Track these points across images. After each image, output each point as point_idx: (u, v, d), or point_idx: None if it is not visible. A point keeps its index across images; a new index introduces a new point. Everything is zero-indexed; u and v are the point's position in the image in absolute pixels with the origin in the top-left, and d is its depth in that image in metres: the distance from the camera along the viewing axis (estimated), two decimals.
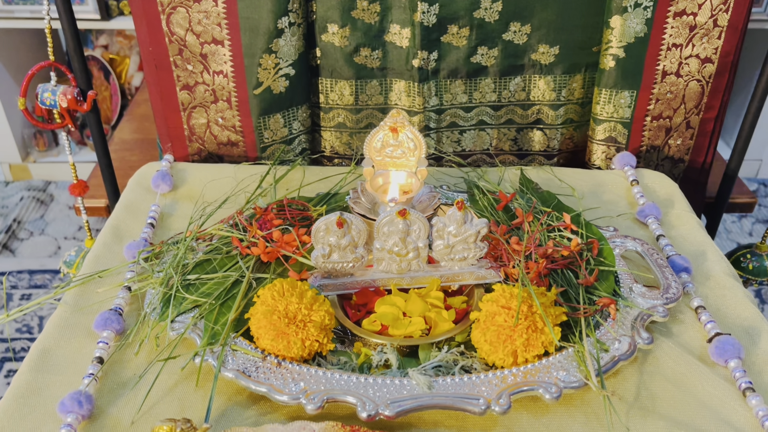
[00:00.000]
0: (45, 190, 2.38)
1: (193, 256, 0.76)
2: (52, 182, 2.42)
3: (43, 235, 2.20)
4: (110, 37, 2.33)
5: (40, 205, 2.32)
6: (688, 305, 0.75)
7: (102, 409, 0.63)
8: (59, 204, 2.33)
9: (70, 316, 0.73)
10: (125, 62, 2.40)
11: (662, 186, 0.96)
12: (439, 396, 0.61)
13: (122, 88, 2.37)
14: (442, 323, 0.70)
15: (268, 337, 0.65)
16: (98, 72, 2.33)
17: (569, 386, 0.62)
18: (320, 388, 0.62)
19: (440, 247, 0.73)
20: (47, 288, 1.99)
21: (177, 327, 0.68)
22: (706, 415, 0.63)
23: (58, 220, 2.26)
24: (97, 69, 2.32)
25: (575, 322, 0.68)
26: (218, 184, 0.93)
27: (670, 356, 0.68)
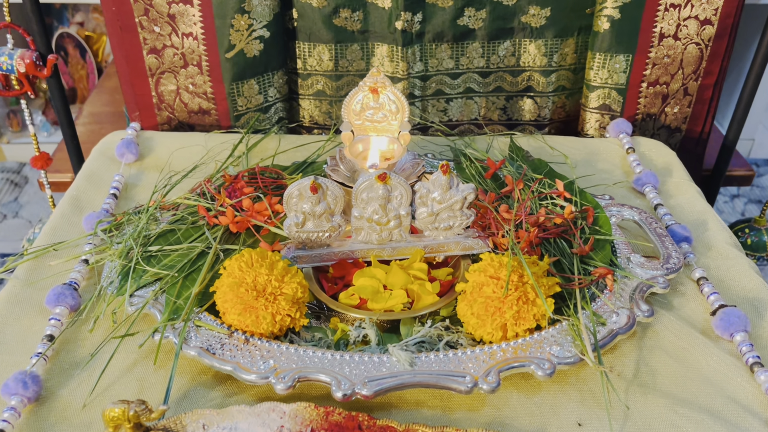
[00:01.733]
0: (19, 172, 2.30)
1: (156, 227, 0.70)
2: (26, 164, 2.34)
3: (17, 218, 2.13)
4: (86, 14, 2.25)
5: (14, 188, 2.24)
6: (689, 276, 0.70)
7: (51, 390, 0.57)
8: (33, 186, 2.25)
9: (20, 292, 0.67)
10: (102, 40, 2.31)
11: (659, 154, 0.91)
12: (421, 373, 0.56)
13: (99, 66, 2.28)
14: (426, 296, 0.64)
15: (235, 311, 0.59)
16: (74, 50, 2.24)
17: (563, 362, 0.57)
18: (291, 366, 0.57)
19: (424, 214, 0.67)
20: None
21: (136, 302, 0.62)
22: (711, 392, 0.58)
23: (33, 203, 2.18)
24: (72, 47, 2.23)
25: (569, 294, 0.63)
26: (187, 152, 0.87)
27: (672, 330, 0.63)
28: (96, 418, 0.55)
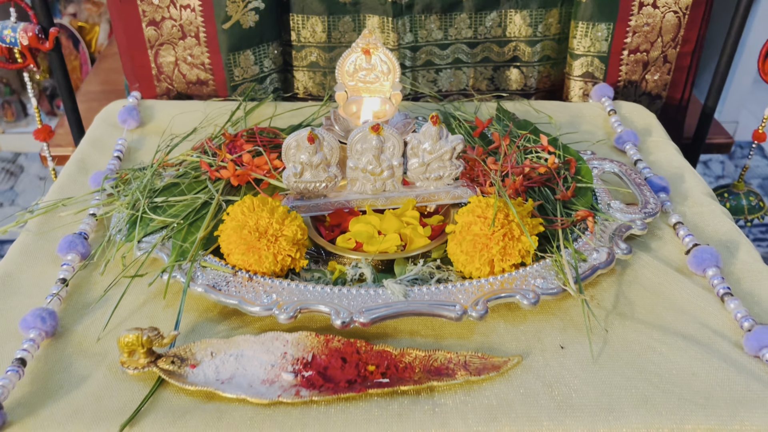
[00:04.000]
0: (15, 162, 2.32)
1: (160, 181, 0.74)
2: (21, 154, 2.36)
3: (13, 205, 2.15)
4: (78, 4, 2.27)
5: (9, 177, 2.26)
6: (666, 222, 0.74)
7: (66, 327, 0.61)
8: (29, 175, 2.27)
9: (33, 242, 0.71)
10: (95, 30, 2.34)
11: (640, 116, 0.95)
12: (414, 303, 0.60)
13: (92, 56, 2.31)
14: (418, 239, 0.68)
15: (239, 251, 0.63)
16: (67, 41, 2.26)
17: (547, 293, 0.61)
18: (293, 299, 0.60)
19: (415, 165, 0.71)
20: None
21: (144, 247, 0.66)
22: (685, 320, 0.62)
23: (29, 191, 2.20)
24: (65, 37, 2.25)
25: (552, 234, 0.67)
26: (187, 118, 0.90)
27: (649, 268, 0.68)
28: (110, 349, 0.59)
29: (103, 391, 0.55)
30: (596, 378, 0.56)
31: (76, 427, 0.51)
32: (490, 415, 0.53)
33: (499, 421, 0.52)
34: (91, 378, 0.56)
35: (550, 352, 0.58)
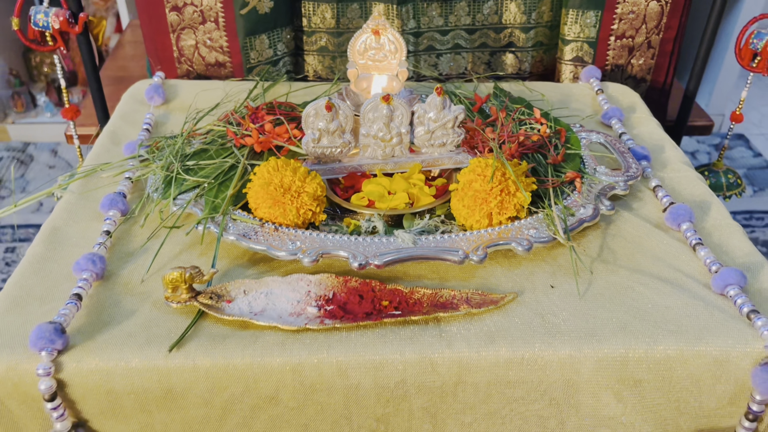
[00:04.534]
0: (24, 151, 2.39)
1: (189, 148, 0.81)
2: (31, 143, 2.43)
3: (24, 193, 2.22)
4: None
5: (20, 165, 2.32)
6: (646, 186, 0.82)
7: (113, 271, 0.69)
8: (39, 164, 2.34)
9: (76, 202, 0.78)
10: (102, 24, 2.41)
11: (625, 96, 1.03)
12: (422, 249, 0.68)
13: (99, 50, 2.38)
14: (424, 197, 0.76)
15: (266, 205, 0.70)
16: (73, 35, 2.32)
17: (539, 241, 0.69)
18: (315, 246, 0.68)
19: (421, 133, 0.79)
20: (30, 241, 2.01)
21: (179, 203, 0.73)
22: (661, 266, 0.70)
23: (38, 179, 2.27)
24: None
25: (544, 193, 0.75)
26: (208, 95, 0.98)
27: (630, 223, 0.76)
28: (153, 289, 0.66)
29: (151, 321, 0.62)
30: (581, 310, 0.64)
31: (130, 348, 0.59)
32: (489, 338, 0.61)
33: (497, 344, 0.60)
34: (139, 312, 0.64)
35: (542, 291, 0.66)
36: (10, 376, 0.58)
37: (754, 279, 0.68)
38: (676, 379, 0.61)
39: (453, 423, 0.62)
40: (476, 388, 0.61)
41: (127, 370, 0.59)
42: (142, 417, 0.61)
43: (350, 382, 0.60)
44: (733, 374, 0.60)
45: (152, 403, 0.60)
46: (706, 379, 0.61)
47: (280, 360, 0.59)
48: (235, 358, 0.59)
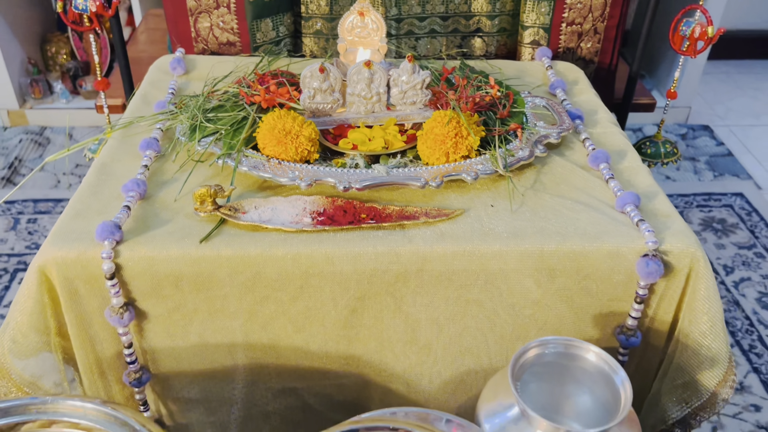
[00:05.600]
0: (42, 134, 2.58)
1: (209, 104, 1.01)
2: (47, 127, 2.62)
3: (42, 171, 2.40)
4: None
5: (37, 147, 2.51)
6: (578, 139, 1.02)
7: (151, 194, 0.88)
8: (55, 146, 2.53)
9: (118, 146, 0.98)
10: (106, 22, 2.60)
11: (570, 71, 1.23)
12: (393, 177, 0.87)
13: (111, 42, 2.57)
14: (397, 143, 0.96)
15: (271, 145, 0.90)
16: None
17: (484, 173, 0.89)
18: (310, 174, 0.88)
19: (396, 93, 0.99)
20: (51, 213, 2.20)
21: (203, 144, 0.93)
22: (579, 194, 0.90)
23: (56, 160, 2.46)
24: None
25: (491, 141, 0.95)
26: (222, 67, 1.17)
27: (560, 164, 0.96)
28: (184, 206, 0.86)
29: (184, 226, 0.82)
30: (511, 221, 0.84)
31: (169, 242, 0.79)
32: (441, 237, 0.80)
33: (446, 241, 0.80)
34: (175, 220, 0.83)
35: (483, 209, 0.86)
36: (80, 260, 0.77)
37: (648, 201, 0.87)
38: (582, 269, 0.80)
39: (412, 303, 0.82)
40: (430, 275, 0.80)
41: (168, 258, 0.78)
42: (177, 296, 0.80)
43: (335, 269, 0.79)
44: (624, 265, 0.80)
45: (185, 285, 0.79)
46: (605, 269, 0.80)
47: (282, 251, 0.79)
48: (249, 250, 0.79)
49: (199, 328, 0.83)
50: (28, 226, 2.12)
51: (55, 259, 0.77)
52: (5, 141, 2.49)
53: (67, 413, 0.66)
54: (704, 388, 0.84)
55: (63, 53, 2.66)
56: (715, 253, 2.08)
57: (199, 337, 0.84)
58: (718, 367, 0.83)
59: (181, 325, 0.83)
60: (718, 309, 0.81)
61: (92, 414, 0.65)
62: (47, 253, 0.78)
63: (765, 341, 1.78)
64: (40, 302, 0.79)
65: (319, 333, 0.84)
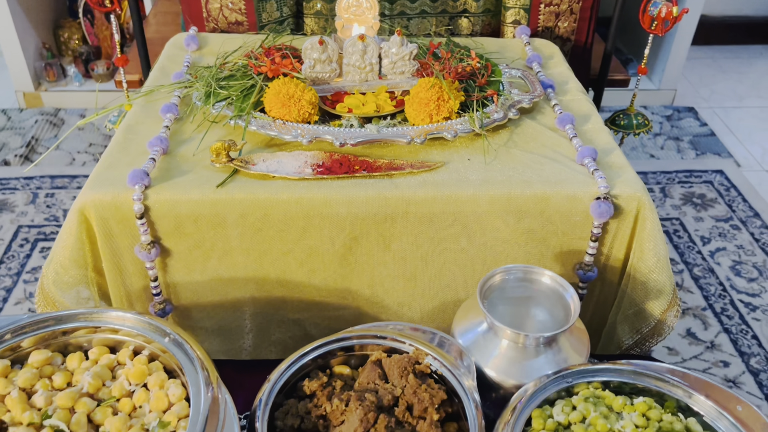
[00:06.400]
0: (56, 115, 2.71)
1: (221, 74, 1.14)
2: (61, 109, 2.75)
3: (58, 150, 2.53)
4: None
5: (52, 127, 2.64)
6: (549, 105, 1.15)
7: (172, 150, 1.01)
8: (69, 126, 2.66)
9: (140, 111, 1.11)
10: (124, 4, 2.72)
11: (546, 48, 1.36)
12: (383, 134, 1.00)
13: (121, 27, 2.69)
14: (387, 107, 1.09)
15: (276, 107, 1.03)
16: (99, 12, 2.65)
17: (463, 132, 1.02)
18: (310, 132, 1.01)
19: (386, 64, 1.12)
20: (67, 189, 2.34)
21: (217, 107, 1.06)
22: (546, 150, 1.03)
23: (70, 139, 2.59)
24: None
25: (470, 105, 1.08)
26: (232, 42, 1.30)
27: (530, 126, 1.08)
28: (202, 160, 0.99)
29: (202, 175, 0.95)
30: (486, 172, 0.97)
31: (192, 185, 0.92)
32: (423, 184, 0.93)
33: (427, 187, 0.93)
34: (194, 170, 0.96)
35: (461, 162, 0.99)
36: (114, 202, 0.91)
37: (605, 156, 1.00)
38: (545, 212, 0.93)
39: (399, 242, 0.95)
40: (414, 217, 0.93)
41: (189, 200, 0.91)
42: (196, 235, 0.94)
43: (333, 211, 0.93)
44: (580, 207, 0.93)
45: (203, 224, 0.93)
46: (564, 211, 0.93)
47: (286, 195, 0.92)
48: (258, 194, 0.92)
49: (216, 264, 0.96)
50: (46, 200, 2.26)
51: (93, 201, 0.90)
52: (22, 121, 2.62)
53: (109, 321, 0.79)
54: (652, 316, 0.97)
55: (75, 38, 2.78)
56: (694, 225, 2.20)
57: (216, 272, 0.97)
58: (664, 298, 0.96)
59: (199, 261, 0.96)
60: (662, 247, 0.94)
61: (131, 322, 0.79)
62: (86, 197, 0.91)
63: (736, 305, 1.91)
64: (80, 239, 0.92)
65: (319, 269, 0.98)
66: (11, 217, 2.17)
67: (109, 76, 2.77)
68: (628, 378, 0.77)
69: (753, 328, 1.82)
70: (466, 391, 0.76)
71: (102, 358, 0.78)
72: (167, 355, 0.77)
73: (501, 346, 0.82)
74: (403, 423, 0.75)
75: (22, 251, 2.04)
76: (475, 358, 0.82)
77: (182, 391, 0.74)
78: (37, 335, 0.77)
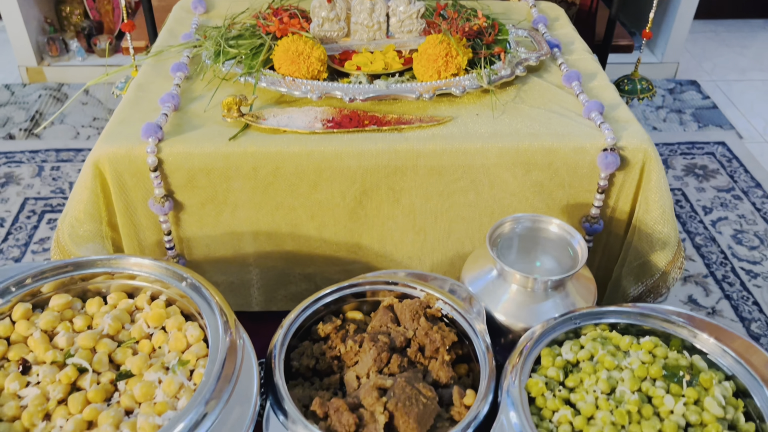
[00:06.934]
0: (59, 90, 2.71)
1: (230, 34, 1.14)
2: (65, 84, 2.75)
3: (62, 124, 2.54)
4: None
5: (56, 102, 2.64)
6: (555, 64, 1.16)
7: (183, 106, 1.02)
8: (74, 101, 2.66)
9: (151, 70, 1.12)
10: None
11: (552, 10, 1.37)
12: (392, 89, 1.02)
13: None
14: (395, 64, 1.10)
15: (286, 64, 1.04)
16: None
17: (471, 87, 1.03)
18: (320, 88, 1.02)
19: (394, 22, 1.12)
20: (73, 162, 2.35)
21: (226, 65, 1.07)
22: (552, 105, 1.04)
23: (74, 113, 2.59)
24: None
25: (478, 62, 1.09)
26: (239, 4, 1.31)
27: (537, 84, 1.10)
28: (213, 116, 1.00)
29: (214, 129, 0.96)
30: (494, 125, 0.98)
31: (204, 139, 0.93)
32: (432, 138, 0.95)
33: (436, 140, 0.94)
34: (206, 125, 0.97)
35: (469, 117, 1.00)
36: (128, 155, 0.92)
37: (611, 111, 1.02)
38: (552, 164, 0.95)
39: (408, 195, 0.97)
40: (423, 169, 0.95)
41: (202, 153, 0.93)
42: (209, 188, 0.95)
43: (343, 164, 0.94)
44: (587, 159, 0.94)
45: (216, 177, 0.94)
46: (571, 163, 0.95)
47: (298, 149, 0.93)
48: (270, 147, 0.93)
49: (228, 218, 0.98)
50: (52, 173, 2.27)
51: (107, 154, 0.92)
52: (26, 96, 2.63)
53: (127, 267, 0.81)
54: (656, 267, 0.99)
55: (77, 13, 2.78)
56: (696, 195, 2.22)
57: (228, 227, 0.99)
58: (668, 250, 0.98)
59: (212, 215, 0.98)
60: (668, 199, 0.96)
61: (148, 268, 0.80)
62: (100, 150, 0.92)
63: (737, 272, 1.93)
64: (94, 192, 0.94)
65: (330, 223, 0.99)
66: (18, 189, 2.18)
67: (112, 50, 2.76)
68: (634, 320, 0.79)
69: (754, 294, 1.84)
70: (477, 333, 0.78)
71: (120, 303, 0.80)
72: (185, 300, 0.79)
73: (510, 290, 0.84)
74: (415, 363, 0.77)
75: (29, 222, 2.05)
76: (485, 303, 0.84)
77: (200, 333, 0.75)
78: (56, 280, 0.79)
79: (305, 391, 0.74)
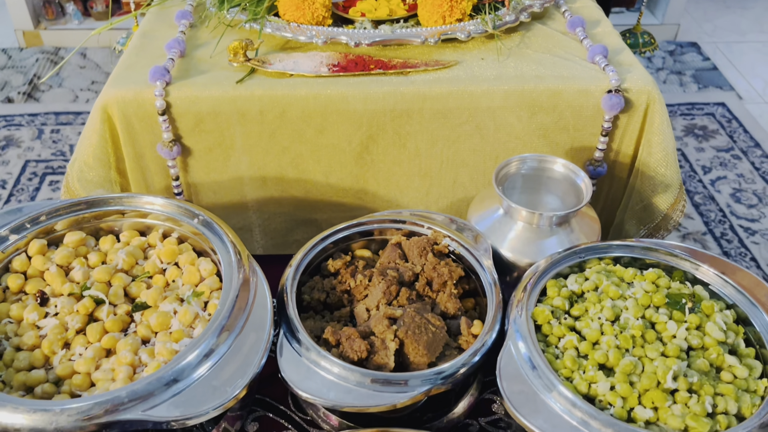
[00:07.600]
0: (57, 54, 2.69)
1: None
2: (62, 48, 2.73)
3: (60, 87, 2.53)
4: None
5: (53, 66, 2.63)
6: (559, 12, 1.16)
7: (189, 53, 1.02)
8: (71, 64, 2.64)
9: (155, 18, 1.11)
10: None
11: None
12: (397, 34, 1.02)
13: None
14: (400, 11, 1.10)
15: (291, 10, 1.04)
16: None
17: (476, 32, 1.03)
18: (325, 34, 1.02)
19: None
20: (72, 125, 2.34)
21: (231, 12, 1.07)
22: (557, 50, 1.04)
23: (72, 77, 2.58)
24: None
25: (482, 8, 1.09)
26: None
27: (542, 30, 1.10)
28: (219, 61, 1.00)
29: (221, 73, 0.97)
30: (499, 69, 0.98)
31: (211, 82, 0.94)
32: (438, 81, 0.95)
33: (442, 83, 0.95)
34: (212, 70, 0.98)
35: (475, 61, 1.01)
36: (136, 99, 0.93)
37: (615, 55, 1.02)
38: (557, 106, 0.96)
39: (414, 139, 0.98)
40: (429, 112, 0.96)
41: (209, 97, 0.93)
42: (217, 132, 0.96)
43: (349, 107, 0.95)
44: (592, 101, 0.95)
45: (223, 120, 0.95)
46: (576, 105, 0.96)
47: (304, 92, 0.94)
48: (277, 90, 0.94)
49: (235, 163, 0.99)
50: (52, 136, 2.27)
51: (115, 98, 0.92)
52: (23, 60, 2.61)
53: (139, 206, 0.82)
54: (658, 210, 1.00)
55: None
56: (695, 155, 2.23)
57: (235, 172, 1.00)
58: (670, 192, 0.99)
59: (219, 161, 0.99)
60: (671, 141, 0.97)
61: (160, 205, 0.82)
62: (108, 94, 0.93)
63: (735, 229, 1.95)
64: (103, 137, 0.94)
65: (336, 168, 1.00)
66: (18, 152, 2.18)
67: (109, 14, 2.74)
68: (638, 254, 0.80)
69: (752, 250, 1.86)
70: (484, 268, 0.80)
71: (133, 240, 0.81)
72: (197, 237, 0.80)
73: (516, 228, 0.85)
74: (423, 296, 0.78)
75: (30, 184, 2.06)
76: (491, 241, 0.85)
77: (213, 267, 0.77)
78: (70, 218, 0.80)
79: (316, 323, 0.76)
